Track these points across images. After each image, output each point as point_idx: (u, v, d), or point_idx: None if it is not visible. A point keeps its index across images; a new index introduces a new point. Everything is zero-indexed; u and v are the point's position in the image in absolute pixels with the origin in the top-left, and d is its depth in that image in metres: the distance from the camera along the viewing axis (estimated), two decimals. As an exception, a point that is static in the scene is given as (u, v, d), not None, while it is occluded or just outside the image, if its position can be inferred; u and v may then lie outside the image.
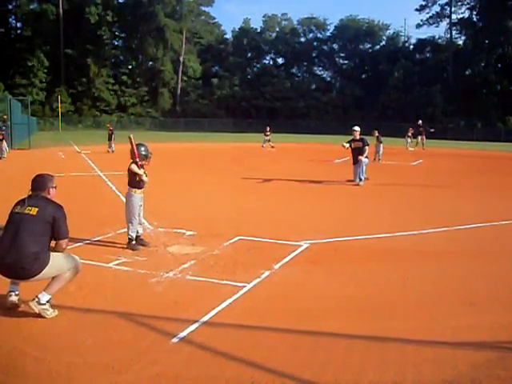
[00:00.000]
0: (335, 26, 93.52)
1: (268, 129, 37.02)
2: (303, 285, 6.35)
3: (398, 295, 6.10)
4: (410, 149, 36.63)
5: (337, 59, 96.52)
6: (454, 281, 6.75)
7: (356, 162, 16.47)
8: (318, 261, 7.36)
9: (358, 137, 16.85)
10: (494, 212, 11.90)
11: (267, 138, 36.66)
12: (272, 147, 35.78)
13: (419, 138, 38.53)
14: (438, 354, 4.56)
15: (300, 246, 8.00)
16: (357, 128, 16.99)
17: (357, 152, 16.52)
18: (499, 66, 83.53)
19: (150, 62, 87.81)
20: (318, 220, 10.61)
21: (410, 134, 37.36)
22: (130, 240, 7.76)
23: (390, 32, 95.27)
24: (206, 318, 5.04)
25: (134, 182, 7.89)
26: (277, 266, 6.88)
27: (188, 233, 8.74)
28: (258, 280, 6.29)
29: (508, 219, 10.97)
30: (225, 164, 24.07)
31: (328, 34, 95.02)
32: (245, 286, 6.01)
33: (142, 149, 8.10)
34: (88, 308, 5.30)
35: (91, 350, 4.37)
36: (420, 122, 39.42)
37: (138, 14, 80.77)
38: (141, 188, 7.99)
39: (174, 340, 4.56)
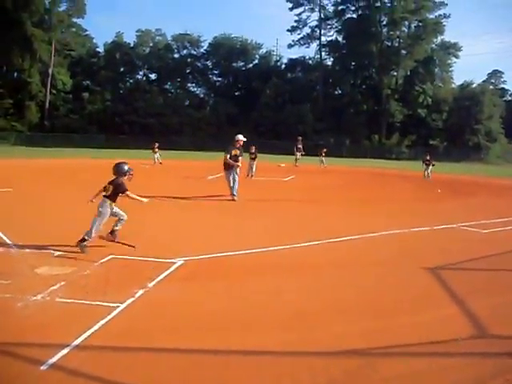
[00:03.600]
0: (209, 44, 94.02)
1: (157, 145, 36.87)
2: (179, 302, 6.26)
3: (273, 308, 6.18)
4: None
5: (210, 76, 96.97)
6: (327, 291, 6.98)
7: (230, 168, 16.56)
8: (193, 277, 7.29)
9: (239, 145, 16.76)
10: (362, 225, 12.40)
11: (156, 154, 36.47)
12: (160, 163, 35.76)
13: (298, 154, 39.78)
14: (312, 363, 4.69)
15: (174, 263, 7.90)
16: (241, 137, 16.93)
17: (234, 160, 16.56)
18: (364, 87, 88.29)
19: (16, 73, 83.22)
20: (192, 236, 10.53)
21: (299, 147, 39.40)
22: (84, 240, 8.47)
23: (262, 51, 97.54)
24: (77, 342, 4.83)
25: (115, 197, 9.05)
26: (151, 285, 6.74)
27: (57, 253, 8.31)
28: (132, 299, 6.12)
29: (375, 231, 11.58)
30: (97, 179, 23.09)
31: (202, 51, 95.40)
32: (118, 307, 5.83)
33: (126, 168, 9.30)
34: None
35: None
36: (299, 138, 40.98)
37: (2, 20, 76.26)
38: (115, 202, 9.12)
39: (43, 367, 4.31)
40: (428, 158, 32.32)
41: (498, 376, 4.60)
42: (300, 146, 39.79)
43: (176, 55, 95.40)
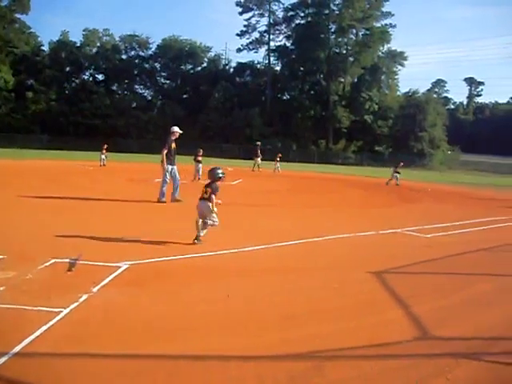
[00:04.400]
0: (157, 45, 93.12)
1: (105, 146, 36.48)
2: (123, 307, 6.10)
3: (220, 312, 6.11)
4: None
5: (158, 78, 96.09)
6: (274, 296, 6.93)
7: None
8: (138, 282, 7.13)
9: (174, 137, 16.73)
10: (308, 229, 12.44)
11: (103, 155, 35.97)
12: (103, 165, 35.24)
13: (258, 159, 40.00)
14: (259, 368, 4.67)
15: (119, 267, 7.70)
16: (177, 128, 16.93)
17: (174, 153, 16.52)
18: (312, 92, 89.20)
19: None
20: (138, 240, 10.24)
21: (278, 158, 39.78)
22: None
23: (211, 54, 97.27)
24: (17, 349, 4.59)
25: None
26: (95, 289, 6.53)
27: (-3, 256, 7.95)
28: (76, 304, 5.91)
29: (321, 236, 11.66)
30: (41, 183, 22.46)
31: (150, 52, 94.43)
32: (61, 312, 5.61)
33: (219, 171, 10.38)
34: None
35: None
36: (258, 143, 40.96)
37: None
38: None
39: (-21, 378, 4.05)
40: (400, 165, 34.21)
41: (439, 375, 4.72)
42: (259, 151, 39.89)
43: (124, 56, 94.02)
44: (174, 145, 16.44)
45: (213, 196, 10.13)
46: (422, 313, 6.49)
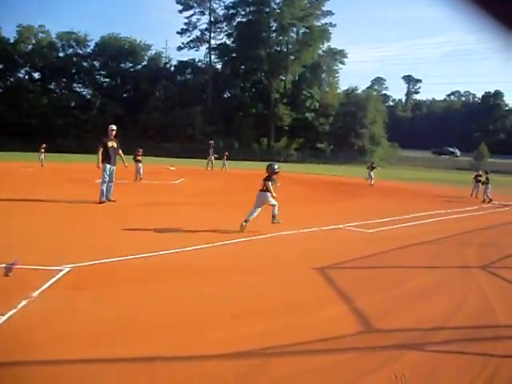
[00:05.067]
0: (96, 43, 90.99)
1: (44, 146, 35.73)
2: (65, 312, 5.88)
3: (166, 313, 6.03)
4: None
5: (97, 77, 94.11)
6: (220, 295, 6.92)
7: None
8: (80, 285, 6.91)
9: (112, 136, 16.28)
10: (252, 227, 12.34)
11: (42, 155, 35.28)
12: (41, 165, 34.38)
13: (212, 158, 39.88)
14: (206, 367, 4.67)
15: (61, 270, 7.43)
16: (114, 127, 16.51)
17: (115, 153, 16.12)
18: (253, 90, 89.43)
19: None
20: (79, 242, 10.00)
21: (225, 157, 39.78)
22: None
23: (151, 52, 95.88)
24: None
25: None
26: (35, 294, 6.27)
27: None
28: (15, 311, 5.65)
29: (265, 233, 11.74)
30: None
31: (88, 50, 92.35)
32: (-1, 319, 5.35)
33: (276, 167, 12.67)
34: None
35: None
36: (211, 142, 40.65)
37: None
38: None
39: None
40: (373, 164, 34.99)
41: (384, 367, 4.83)
42: (211, 150, 39.71)
43: (61, 54, 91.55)
44: (113, 144, 15.95)
45: (269, 183, 12.38)
46: (365, 306, 6.65)
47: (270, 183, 12.35)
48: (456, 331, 6.09)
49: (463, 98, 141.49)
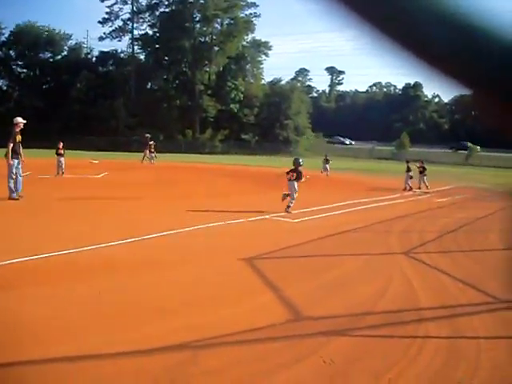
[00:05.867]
0: (11, 32, 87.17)
1: None
2: None
3: (94, 310, 5.93)
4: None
5: (14, 67, 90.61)
6: (147, 289, 6.87)
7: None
8: (7, 284, 6.76)
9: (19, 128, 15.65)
10: (177, 220, 12.28)
11: None
12: None
13: (146, 151, 39.63)
14: (135, 363, 4.61)
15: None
16: (20, 119, 15.86)
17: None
18: (178, 82, 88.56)
19: None
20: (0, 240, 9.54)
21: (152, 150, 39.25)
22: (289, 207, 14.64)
23: (72, 42, 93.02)
24: None
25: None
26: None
27: None
28: None
29: (190, 225, 11.70)
30: None
31: (3, 39, 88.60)
32: None
33: (300, 160, 15.76)
34: None
35: None
36: (148, 135, 40.08)
37: None
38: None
39: None
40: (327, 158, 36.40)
41: (313, 354, 4.95)
42: (149, 143, 39.41)
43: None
44: (19, 137, 15.35)
45: (296, 174, 15.33)
46: (293, 295, 6.80)
47: (297, 174, 15.30)
48: (381, 316, 6.32)
49: (385, 90, 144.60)
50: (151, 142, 39.46)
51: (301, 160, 15.78)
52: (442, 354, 5.20)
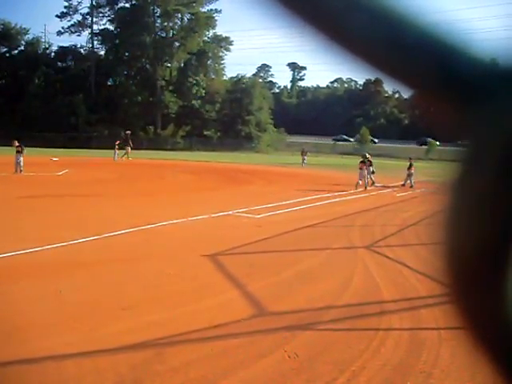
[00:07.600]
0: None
1: None
2: None
3: (54, 310, 5.88)
4: (117, 159, 38.07)
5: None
6: (109, 288, 6.87)
7: None
8: None
9: None
10: (139, 217, 12.20)
11: None
12: None
13: (128, 148, 40.01)
14: (98, 362, 4.57)
15: None
16: None
17: None
18: (138, 78, 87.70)
19: None
20: None
21: (117, 146, 38.90)
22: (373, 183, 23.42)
23: (29, 37, 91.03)
24: None
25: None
26: None
27: None
28: None
29: (153, 223, 11.72)
30: None
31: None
32: None
33: (367, 155, 23.34)
34: None
35: None
36: (128, 132, 41.17)
37: None
38: None
39: None
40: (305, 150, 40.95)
41: (277, 349, 5.06)
42: (130, 141, 40.08)
43: None
44: None
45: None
46: (257, 291, 6.93)
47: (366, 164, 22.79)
48: (344, 309, 6.44)
49: (346, 85, 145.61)
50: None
51: (367, 154, 24.53)
52: (404, 345, 5.32)
